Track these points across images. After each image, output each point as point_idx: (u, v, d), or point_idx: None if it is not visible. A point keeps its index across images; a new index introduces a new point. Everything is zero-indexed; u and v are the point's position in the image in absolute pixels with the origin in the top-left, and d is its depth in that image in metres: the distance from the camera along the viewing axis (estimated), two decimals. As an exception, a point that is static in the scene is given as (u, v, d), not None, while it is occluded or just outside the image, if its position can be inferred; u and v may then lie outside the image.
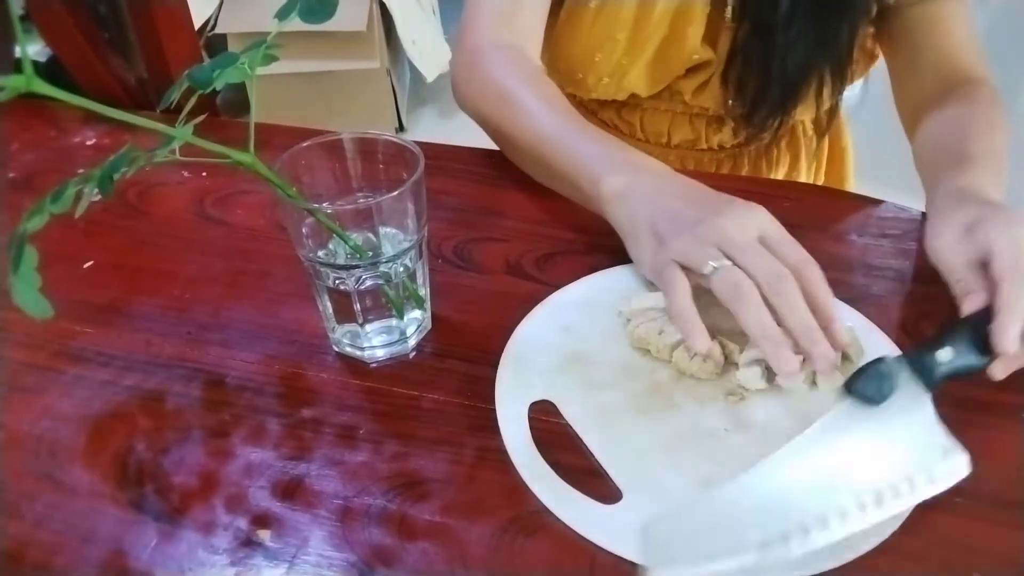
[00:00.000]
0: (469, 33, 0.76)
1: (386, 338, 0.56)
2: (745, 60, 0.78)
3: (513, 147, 0.72)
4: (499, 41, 0.74)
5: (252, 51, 0.48)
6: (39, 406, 0.53)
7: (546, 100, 0.69)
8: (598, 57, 0.82)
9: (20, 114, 0.84)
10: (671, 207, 0.56)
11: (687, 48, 0.79)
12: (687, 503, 0.46)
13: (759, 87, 0.79)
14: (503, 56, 0.73)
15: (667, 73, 0.82)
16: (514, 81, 0.71)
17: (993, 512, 0.46)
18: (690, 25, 0.78)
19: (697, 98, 0.84)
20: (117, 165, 0.45)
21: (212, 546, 0.45)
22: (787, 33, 0.75)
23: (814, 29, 0.75)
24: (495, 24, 0.75)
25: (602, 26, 0.80)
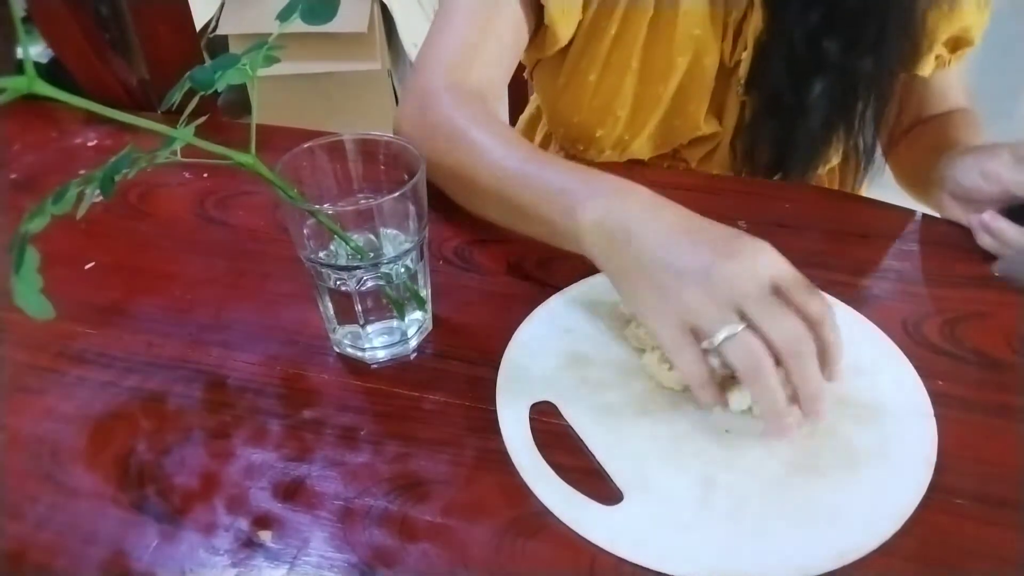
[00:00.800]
0: (421, 74, 0.68)
1: (387, 339, 0.56)
2: (756, 133, 0.76)
3: (470, 190, 0.63)
4: (454, 84, 0.67)
5: (253, 52, 0.48)
6: (40, 407, 0.54)
7: (503, 137, 0.61)
8: (599, 133, 0.79)
9: (22, 115, 0.84)
10: (668, 246, 0.48)
11: (690, 123, 0.77)
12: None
13: (773, 158, 0.77)
14: (456, 97, 0.66)
15: (670, 142, 0.81)
16: (467, 121, 0.63)
17: (992, 513, 0.46)
18: (692, 102, 0.76)
19: (703, 165, 0.82)
20: (118, 166, 0.45)
21: (213, 547, 0.45)
22: (811, 115, 0.73)
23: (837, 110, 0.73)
24: (451, 69, 0.68)
25: (602, 100, 0.77)
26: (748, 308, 0.45)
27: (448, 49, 0.69)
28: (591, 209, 0.51)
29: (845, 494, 0.47)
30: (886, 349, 0.56)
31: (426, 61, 0.69)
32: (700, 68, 0.74)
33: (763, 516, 0.46)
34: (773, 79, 0.73)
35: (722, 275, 0.45)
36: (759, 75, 0.74)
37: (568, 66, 0.78)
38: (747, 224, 0.68)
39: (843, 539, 0.44)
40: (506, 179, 0.58)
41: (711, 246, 0.47)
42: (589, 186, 0.53)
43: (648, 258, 0.48)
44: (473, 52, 0.69)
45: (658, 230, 0.49)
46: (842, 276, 0.62)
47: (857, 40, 0.70)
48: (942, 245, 0.66)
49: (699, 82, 0.75)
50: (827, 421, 0.50)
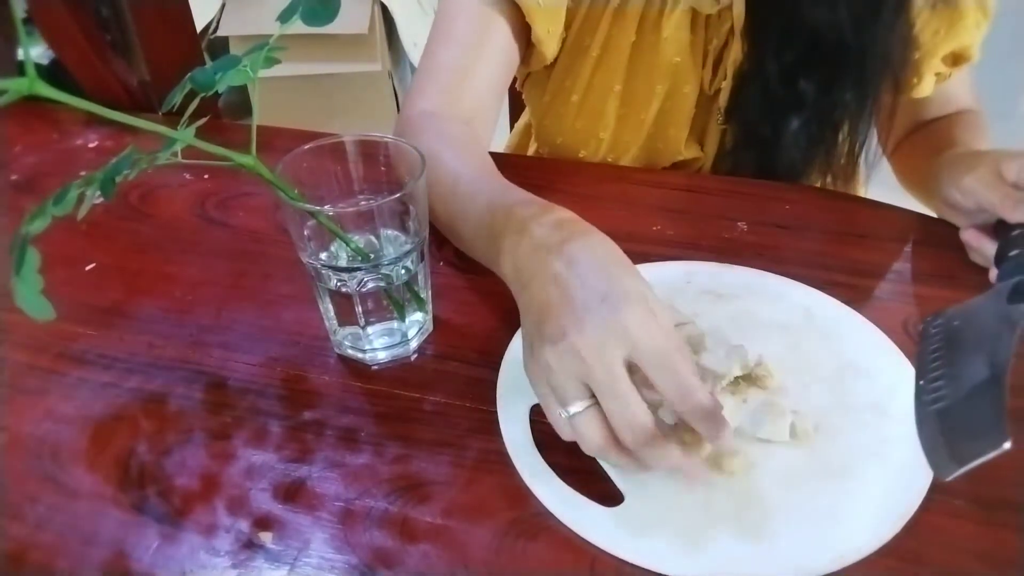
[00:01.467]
0: (413, 100, 0.70)
1: (388, 340, 0.56)
2: (737, 159, 0.77)
3: (434, 215, 0.61)
4: (438, 112, 0.68)
5: (254, 53, 0.48)
6: (41, 408, 0.54)
7: (468, 164, 0.61)
8: (582, 154, 0.80)
9: (22, 116, 0.84)
10: (541, 297, 0.46)
11: (672, 148, 0.78)
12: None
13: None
14: (438, 123, 0.67)
15: (652, 164, 0.81)
16: (441, 146, 0.63)
17: (992, 515, 0.46)
18: (673, 126, 0.76)
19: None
20: (119, 167, 0.45)
21: (214, 548, 0.45)
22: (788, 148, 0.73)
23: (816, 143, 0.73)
24: (441, 95, 0.69)
25: (584, 122, 0.78)
26: (593, 387, 0.43)
27: (438, 75, 0.70)
28: (504, 252, 0.51)
29: (845, 496, 0.47)
30: (886, 350, 0.56)
31: (417, 86, 0.70)
32: (680, 95, 0.75)
33: (763, 517, 0.46)
34: (751, 112, 0.73)
35: (573, 350, 0.43)
36: (738, 105, 0.74)
37: (553, 84, 0.78)
38: (747, 225, 0.68)
39: (843, 540, 0.44)
40: (453, 215, 0.60)
41: (575, 313, 0.44)
42: (505, 222, 0.52)
43: (525, 317, 0.48)
44: (463, 77, 0.70)
45: (538, 287, 0.47)
46: (842, 277, 0.62)
47: (834, 81, 0.70)
48: (942, 246, 0.66)
49: (679, 108, 0.76)
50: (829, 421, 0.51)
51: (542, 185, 0.73)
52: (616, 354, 0.43)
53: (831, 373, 0.54)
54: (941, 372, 0.46)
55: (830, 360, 0.55)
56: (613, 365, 0.42)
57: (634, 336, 0.42)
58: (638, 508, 0.46)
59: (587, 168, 0.80)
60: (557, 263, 0.46)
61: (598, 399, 0.43)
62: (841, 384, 0.54)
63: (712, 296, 0.61)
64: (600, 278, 0.45)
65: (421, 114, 0.68)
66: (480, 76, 0.70)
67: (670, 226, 0.68)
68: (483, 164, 0.62)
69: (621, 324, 0.43)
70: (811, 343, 0.57)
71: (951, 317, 0.50)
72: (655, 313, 0.43)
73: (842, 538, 0.44)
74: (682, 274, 0.62)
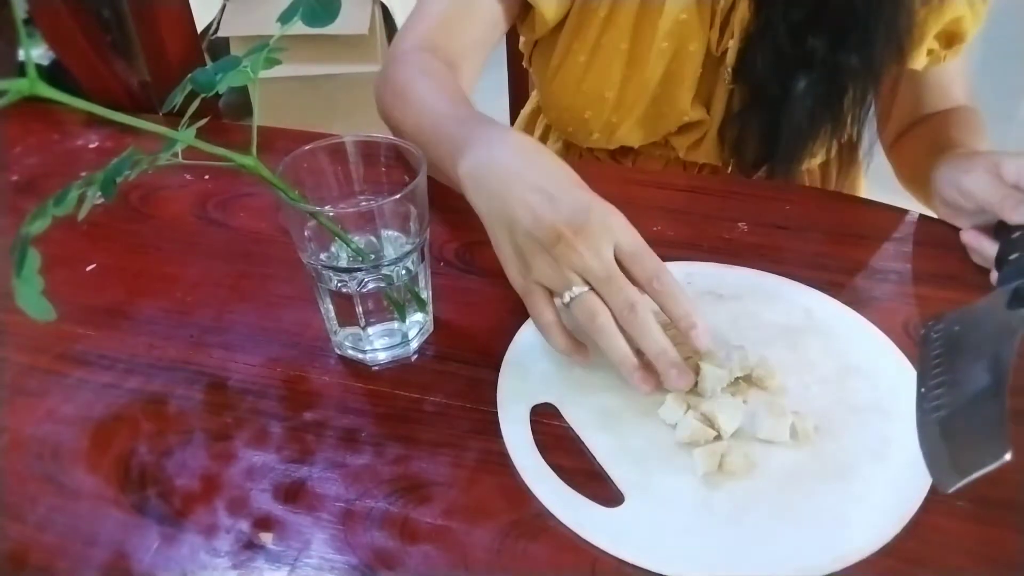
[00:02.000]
0: (398, 42, 0.73)
1: (388, 341, 0.56)
2: (743, 123, 0.77)
3: (401, 131, 0.67)
4: (422, 50, 0.72)
5: (255, 54, 0.48)
6: (42, 409, 0.54)
7: (437, 90, 0.65)
8: (588, 115, 0.80)
9: (23, 117, 0.84)
10: (526, 206, 0.51)
11: (677, 109, 0.78)
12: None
13: (760, 149, 0.78)
14: (419, 58, 0.71)
15: (658, 129, 0.81)
16: (412, 76, 0.68)
17: (993, 515, 0.46)
18: (679, 87, 0.77)
19: (692, 154, 0.83)
20: (120, 168, 0.45)
21: (214, 549, 0.45)
22: (796, 108, 0.73)
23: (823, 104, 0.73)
24: (427, 38, 0.72)
25: (591, 83, 0.78)
26: (589, 277, 0.49)
27: (427, 21, 0.74)
28: (468, 158, 0.55)
29: (846, 496, 0.47)
30: (886, 350, 0.56)
31: (404, 31, 0.74)
32: (686, 54, 0.75)
33: (764, 518, 0.46)
34: (759, 71, 0.73)
35: (569, 248, 0.49)
36: (746, 65, 0.74)
37: (560, 48, 0.79)
38: (747, 226, 0.68)
39: (844, 541, 0.44)
40: (423, 131, 0.63)
41: (564, 216, 0.50)
42: (472, 137, 0.57)
43: (508, 218, 0.52)
44: (451, 26, 0.73)
45: (520, 184, 0.52)
46: (842, 277, 0.62)
47: (842, 39, 0.70)
48: (942, 247, 0.66)
49: (685, 68, 0.76)
50: (830, 422, 0.51)
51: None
52: (608, 249, 0.49)
53: (832, 373, 0.54)
54: (942, 379, 0.46)
55: (831, 360, 0.55)
56: (607, 258, 0.49)
57: (617, 234, 0.50)
58: (639, 509, 0.46)
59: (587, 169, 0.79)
60: (531, 175, 0.52)
61: (596, 288, 0.49)
62: (842, 384, 0.54)
63: (713, 297, 0.61)
64: (579, 191, 0.52)
65: (404, 51, 0.72)
66: (467, 27, 0.74)
67: (670, 226, 0.68)
68: (456, 93, 0.66)
69: (608, 226, 0.50)
70: (812, 343, 0.57)
71: (951, 322, 0.51)
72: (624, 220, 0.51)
73: (843, 538, 0.44)
74: (682, 275, 0.62)
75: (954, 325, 0.51)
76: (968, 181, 0.62)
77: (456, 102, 0.64)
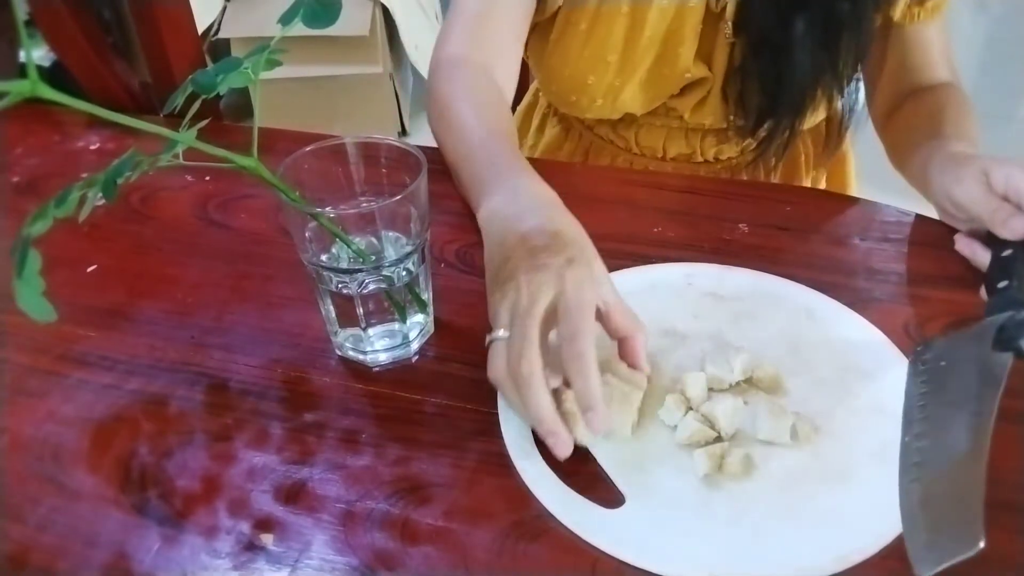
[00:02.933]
0: (441, 43, 0.76)
1: (389, 342, 0.56)
2: (746, 77, 0.78)
3: (447, 161, 0.71)
4: (463, 56, 0.74)
5: (255, 56, 0.48)
6: (42, 410, 0.54)
7: (477, 118, 0.69)
8: (591, 80, 0.81)
9: (24, 119, 0.84)
10: (506, 246, 0.53)
11: (680, 67, 0.78)
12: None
13: (764, 103, 0.78)
14: (459, 72, 0.74)
15: (661, 92, 0.81)
16: (456, 97, 0.71)
17: (995, 517, 0.46)
18: (681, 45, 0.77)
19: (696, 116, 0.83)
20: (121, 169, 0.45)
21: (215, 550, 0.45)
22: (796, 53, 0.74)
23: (821, 48, 0.74)
24: (466, 38, 0.75)
25: (593, 48, 0.79)
26: (514, 321, 0.48)
27: (464, 19, 0.77)
28: (485, 206, 0.60)
29: (846, 497, 0.47)
30: (887, 351, 0.56)
31: (444, 33, 0.77)
32: (687, 10, 0.76)
33: (764, 519, 0.46)
34: (759, 18, 0.75)
35: (511, 287, 0.50)
36: (745, 16, 0.76)
37: (560, 22, 0.80)
38: (747, 227, 0.68)
39: (845, 542, 0.44)
40: (458, 159, 0.67)
41: (528, 259, 0.50)
42: (495, 181, 0.61)
43: (490, 258, 0.55)
44: (488, 23, 0.76)
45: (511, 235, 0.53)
46: (843, 279, 0.62)
47: None
48: (943, 248, 0.66)
49: (686, 25, 0.76)
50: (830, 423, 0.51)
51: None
52: (546, 296, 0.48)
53: (832, 374, 0.54)
54: (925, 428, 0.46)
55: (831, 361, 0.55)
56: (537, 303, 0.48)
57: (567, 289, 0.48)
58: (639, 510, 0.46)
59: (588, 170, 0.80)
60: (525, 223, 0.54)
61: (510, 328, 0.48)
62: (842, 385, 0.54)
63: (713, 298, 0.61)
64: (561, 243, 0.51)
65: (448, 58, 0.75)
66: (500, 19, 0.77)
67: (670, 228, 0.68)
68: (494, 123, 0.69)
69: (562, 277, 0.49)
70: (812, 344, 0.57)
71: (939, 354, 0.51)
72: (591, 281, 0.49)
73: (844, 539, 0.44)
74: (682, 276, 0.62)
75: (941, 359, 0.51)
76: (959, 192, 0.62)
77: (491, 135, 0.67)
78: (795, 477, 0.48)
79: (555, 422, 0.47)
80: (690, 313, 0.59)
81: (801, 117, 0.79)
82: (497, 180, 0.60)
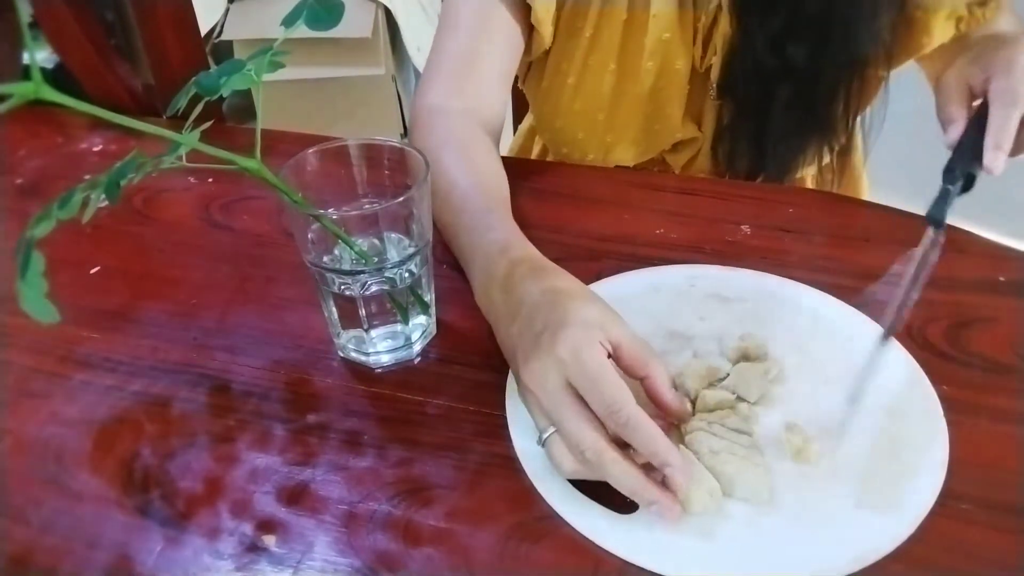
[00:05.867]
0: (423, 91, 0.72)
1: (391, 344, 0.56)
2: (734, 136, 0.77)
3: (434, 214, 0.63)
4: (448, 104, 0.70)
5: (258, 58, 0.49)
6: (45, 411, 0.54)
7: (466, 173, 0.64)
8: (581, 135, 0.80)
9: (27, 120, 0.85)
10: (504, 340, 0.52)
11: (669, 126, 0.78)
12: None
13: (753, 162, 0.78)
14: (445, 121, 0.69)
15: (652, 148, 0.81)
16: (444, 150, 0.66)
17: (998, 519, 0.46)
18: (669, 104, 0.77)
19: (687, 171, 0.83)
20: (124, 171, 0.45)
21: (217, 551, 0.45)
22: (780, 119, 0.73)
23: (809, 113, 0.74)
24: (448, 84, 0.71)
25: (582, 103, 0.78)
26: (551, 416, 0.45)
27: (446, 63, 0.72)
28: (474, 283, 0.57)
29: (858, 498, 0.46)
30: (893, 351, 0.55)
31: (426, 77, 0.73)
32: (672, 72, 0.75)
33: (778, 521, 0.46)
34: (742, 84, 0.74)
35: (527, 387, 0.46)
36: (729, 80, 0.75)
37: (549, 69, 0.79)
38: (750, 228, 0.68)
39: (859, 542, 0.44)
40: (447, 221, 0.62)
41: (520, 353, 0.48)
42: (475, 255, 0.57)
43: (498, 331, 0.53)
44: (470, 63, 0.72)
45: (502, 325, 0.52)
46: (846, 280, 0.62)
47: (823, 46, 0.70)
48: (947, 250, 0.66)
49: (673, 85, 0.76)
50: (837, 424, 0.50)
51: (546, 189, 0.73)
52: (556, 381, 0.45)
53: (839, 375, 0.54)
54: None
55: (838, 362, 0.55)
56: (555, 392, 0.45)
57: (566, 361, 0.44)
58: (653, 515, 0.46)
59: (590, 172, 0.80)
60: (508, 302, 0.51)
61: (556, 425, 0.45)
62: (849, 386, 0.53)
63: (717, 299, 0.60)
64: (541, 313, 0.48)
65: (430, 110, 0.71)
66: (486, 61, 0.72)
67: (673, 229, 0.68)
68: (478, 177, 0.64)
69: (555, 353, 0.45)
70: (818, 345, 0.56)
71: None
72: (586, 339, 0.45)
73: (859, 539, 0.44)
74: (685, 278, 0.62)
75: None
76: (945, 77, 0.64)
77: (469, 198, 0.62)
78: (807, 478, 0.48)
79: (650, 490, 0.44)
80: (695, 315, 0.59)
81: (790, 174, 0.79)
82: (476, 253, 0.57)
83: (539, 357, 0.45)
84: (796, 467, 0.48)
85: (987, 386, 0.53)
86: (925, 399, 0.52)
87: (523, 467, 0.48)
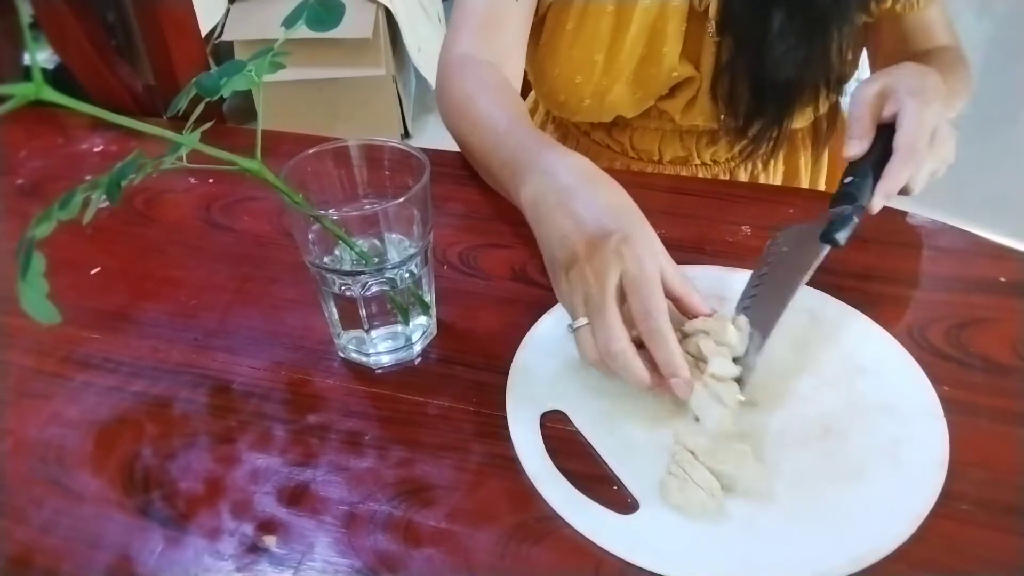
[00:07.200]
0: (449, 45, 0.77)
1: (392, 344, 0.56)
2: (733, 75, 0.78)
3: (472, 158, 0.72)
4: (474, 56, 0.75)
5: (259, 58, 0.49)
6: (46, 412, 0.54)
7: (499, 108, 0.69)
8: (578, 79, 0.81)
9: (28, 121, 0.85)
10: (561, 231, 0.54)
11: (665, 66, 0.79)
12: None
13: (751, 101, 0.78)
14: (471, 70, 0.74)
15: (649, 92, 0.81)
16: (473, 93, 0.71)
17: (998, 519, 0.46)
18: (666, 44, 0.77)
19: (687, 117, 0.83)
20: (125, 172, 0.45)
21: (218, 552, 0.45)
22: (777, 48, 0.74)
23: (804, 42, 0.74)
24: (474, 38, 0.76)
25: (580, 48, 0.80)
26: (589, 308, 0.50)
27: (469, 22, 0.77)
28: (526, 187, 0.59)
29: (859, 497, 0.47)
30: (893, 351, 0.55)
31: (452, 32, 0.77)
32: (670, 9, 0.76)
33: (778, 522, 0.46)
34: (738, 16, 0.75)
35: (582, 273, 0.51)
36: (726, 14, 0.76)
37: (550, 20, 0.81)
38: (751, 229, 0.68)
39: (859, 543, 0.44)
40: (486, 152, 0.67)
41: (584, 241, 0.52)
42: (532, 161, 0.60)
43: (547, 244, 0.55)
44: (496, 22, 0.77)
45: (561, 216, 0.54)
46: (847, 280, 0.62)
47: None
48: (947, 250, 0.66)
49: (670, 23, 0.77)
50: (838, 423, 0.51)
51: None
52: (613, 278, 0.49)
53: (839, 375, 0.54)
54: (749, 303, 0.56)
55: (838, 362, 0.55)
56: (608, 287, 0.49)
57: (626, 263, 0.49)
58: (654, 515, 0.46)
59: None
60: (573, 202, 0.54)
61: (590, 318, 0.50)
62: (850, 385, 0.53)
63: (717, 299, 0.60)
64: (610, 217, 0.52)
65: (461, 59, 0.75)
66: (507, 20, 0.77)
67: (674, 230, 0.68)
68: (516, 109, 0.70)
69: (619, 254, 0.50)
70: (818, 345, 0.56)
71: (785, 241, 0.60)
72: (651, 252, 0.51)
73: (858, 540, 0.44)
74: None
75: (784, 246, 0.60)
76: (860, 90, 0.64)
77: (516, 120, 0.66)
78: (807, 478, 0.48)
79: (661, 384, 0.49)
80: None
81: (790, 115, 0.80)
82: (532, 162, 0.60)
83: (606, 251, 0.50)
84: (796, 467, 0.48)
85: (987, 386, 0.53)
86: (925, 399, 0.52)
87: (523, 468, 0.49)
